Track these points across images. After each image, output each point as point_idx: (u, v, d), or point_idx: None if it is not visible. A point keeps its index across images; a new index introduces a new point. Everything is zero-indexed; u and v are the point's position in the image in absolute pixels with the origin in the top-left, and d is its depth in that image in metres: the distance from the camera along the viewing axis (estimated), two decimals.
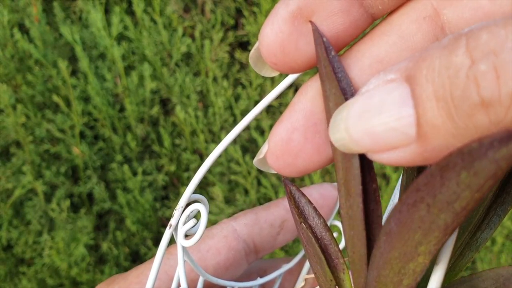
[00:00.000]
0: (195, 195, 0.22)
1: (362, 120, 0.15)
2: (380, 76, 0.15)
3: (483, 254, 0.86)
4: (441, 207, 0.13)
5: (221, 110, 0.93)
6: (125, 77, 0.93)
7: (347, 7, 0.17)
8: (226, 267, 0.29)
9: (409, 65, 0.14)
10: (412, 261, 0.15)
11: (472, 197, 0.13)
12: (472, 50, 0.12)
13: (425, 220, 0.14)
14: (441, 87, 0.13)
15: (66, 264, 0.84)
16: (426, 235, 0.14)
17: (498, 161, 0.12)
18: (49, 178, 0.89)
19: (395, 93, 0.14)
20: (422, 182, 0.13)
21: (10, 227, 0.87)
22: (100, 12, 0.92)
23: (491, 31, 0.12)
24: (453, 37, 0.13)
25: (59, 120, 0.90)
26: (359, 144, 0.15)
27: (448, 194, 0.13)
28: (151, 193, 0.91)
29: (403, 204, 0.14)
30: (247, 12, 0.98)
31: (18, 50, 0.92)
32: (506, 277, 0.18)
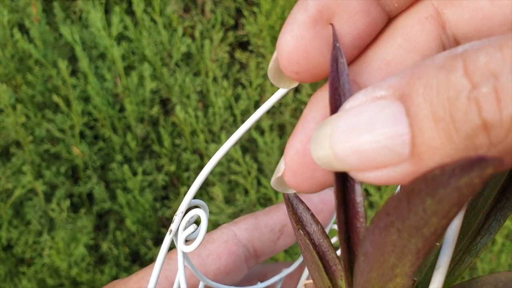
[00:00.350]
0: (195, 201, 0.22)
1: (350, 137, 0.14)
2: (367, 92, 0.14)
3: (483, 254, 0.86)
4: (411, 232, 0.13)
5: (221, 110, 0.93)
6: (125, 77, 0.93)
7: (367, 6, 0.17)
8: (227, 272, 0.29)
9: (402, 83, 0.14)
10: (391, 282, 0.15)
11: (439, 223, 0.13)
12: (472, 73, 0.12)
13: (397, 244, 0.14)
14: (441, 108, 0.13)
15: (66, 264, 0.84)
16: (400, 258, 0.14)
17: (460, 188, 0.12)
18: (49, 178, 0.89)
19: (386, 110, 0.14)
20: (391, 206, 0.13)
21: (10, 227, 0.87)
22: (100, 12, 0.92)
23: (488, 53, 0.12)
24: (448, 56, 0.13)
25: (59, 120, 0.90)
26: (344, 162, 0.15)
27: (416, 220, 0.13)
28: (151, 193, 0.92)
29: (375, 227, 0.14)
30: (247, 12, 0.98)
31: (18, 50, 0.92)
32: (504, 282, 0.18)
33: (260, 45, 0.98)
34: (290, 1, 0.93)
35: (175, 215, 0.22)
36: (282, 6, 0.92)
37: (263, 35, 0.96)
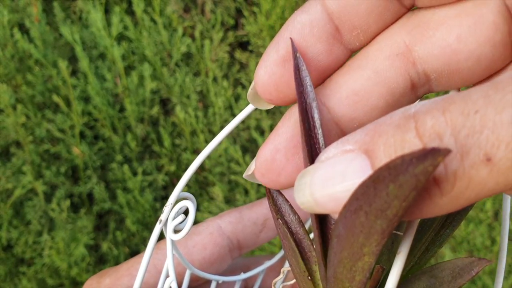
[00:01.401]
0: (184, 193, 0.24)
1: (326, 186, 0.17)
2: (338, 146, 0.17)
3: (483, 254, 0.86)
4: (377, 214, 0.15)
5: (221, 110, 0.93)
6: (125, 77, 0.93)
7: (329, 47, 0.20)
8: (211, 261, 0.32)
9: (366, 139, 0.16)
10: (360, 260, 0.17)
11: (401, 205, 0.15)
12: (422, 134, 0.15)
13: (365, 225, 0.16)
14: None
15: (66, 264, 0.84)
16: (367, 238, 0.16)
17: (417, 175, 0.14)
18: (49, 178, 0.89)
19: (355, 162, 0.16)
20: (359, 192, 0.15)
21: (10, 227, 0.87)
22: (100, 12, 0.92)
23: (434, 116, 0.15)
24: (403, 116, 0.15)
25: (59, 120, 0.90)
26: (324, 207, 0.17)
27: (380, 203, 0.15)
28: (151, 193, 0.92)
29: (347, 211, 0.16)
30: (247, 12, 0.98)
31: (18, 50, 0.92)
32: (461, 267, 0.21)
33: (260, 45, 0.98)
34: (290, 1, 0.93)
35: (164, 206, 0.24)
36: (282, 6, 0.92)
37: (263, 35, 0.96)
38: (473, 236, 0.86)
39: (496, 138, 0.14)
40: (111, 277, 0.30)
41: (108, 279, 0.30)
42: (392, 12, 0.20)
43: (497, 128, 0.14)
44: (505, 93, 0.14)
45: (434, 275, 0.21)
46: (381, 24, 0.20)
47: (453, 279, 0.21)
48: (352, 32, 0.20)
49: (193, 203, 0.24)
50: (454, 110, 0.14)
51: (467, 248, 0.85)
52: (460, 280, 0.21)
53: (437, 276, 0.21)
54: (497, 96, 0.14)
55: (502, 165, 0.14)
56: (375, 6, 0.20)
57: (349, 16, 0.20)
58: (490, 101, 0.14)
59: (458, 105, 0.14)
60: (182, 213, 0.24)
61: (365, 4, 0.20)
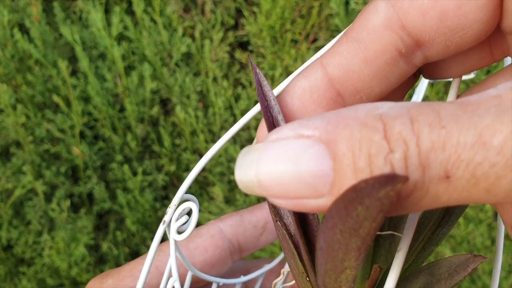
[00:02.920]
0: (187, 195, 0.24)
1: (275, 169, 0.16)
2: (294, 128, 0.16)
3: (483, 254, 0.86)
4: (350, 232, 0.15)
5: (221, 110, 0.93)
6: (125, 77, 0.93)
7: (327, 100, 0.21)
8: (212, 264, 0.32)
9: (328, 128, 0.15)
10: (343, 273, 0.17)
11: (371, 226, 0.15)
12: (389, 138, 0.15)
13: (341, 242, 0.16)
14: (362, 161, 0.15)
15: (66, 264, 0.84)
16: (346, 254, 0.16)
17: (381, 199, 0.14)
18: (49, 178, 0.89)
19: (311, 150, 0.15)
20: (334, 210, 0.15)
21: (10, 227, 0.87)
22: (100, 12, 0.92)
23: (403, 123, 0.15)
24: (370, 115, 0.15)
25: (59, 120, 0.90)
26: (266, 190, 0.16)
27: (352, 223, 0.15)
28: (151, 193, 0.92)
29: (325, 227, 0.16)
30: (247, 12, 0.98)
31: (18, 50, 0.92)
32: (457, 264, 0.21)
33: (260, 45, 0.98)
34: (290, 1, 0.93)
35: (168, 207, 0.24)
36: (282, 6, 0.92)
37: (263, 35, 0.96)
38: (473, 236, 0.86)
39: (457, 158, 0.14)
40: (113, 278, 0.31)
41: (111, 280, 0.31)
42: (398, 74, 0.20)
43: (459, 148, 0.14)
44: (472, 115, 0.14)
45: (431, 272, 0.22)
46: (384, 87, 0.21)
47: (450, 276, 0.21)
48: (355, 96, 0.21)
49: (196, 204, 0.24)
50: (422, 121, 0.15)
51: (467, 248, 0.85)
52: (456, 277, 0.21)
53: (434, 274, 0.21)
54: (465, 116, 0.14)
55: (459, 184, 0.14)
56: (379, 70, 0.20)
57: (351, 82, 0.20)
58: (457, 120, 0.14)
59: (427, 117, 0.15)
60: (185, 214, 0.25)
61: (367, 70, 0.20)
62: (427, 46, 0.20)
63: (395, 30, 0.19)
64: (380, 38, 0.20)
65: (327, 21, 0.96)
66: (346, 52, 0.20)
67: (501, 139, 0.14)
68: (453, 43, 0.19)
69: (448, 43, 0.19)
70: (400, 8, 0.19)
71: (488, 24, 0.19)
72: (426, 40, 0.19)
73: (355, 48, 0.20)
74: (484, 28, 0.19)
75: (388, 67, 0.20)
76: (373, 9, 0.20)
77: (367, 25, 0.20)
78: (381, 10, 0.19)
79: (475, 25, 0.19)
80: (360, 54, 0.20)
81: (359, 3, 0.89)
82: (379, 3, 0.20)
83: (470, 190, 0.14)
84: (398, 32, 0.19)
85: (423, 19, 0.19)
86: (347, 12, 0.91)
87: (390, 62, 0.20)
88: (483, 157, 0.14)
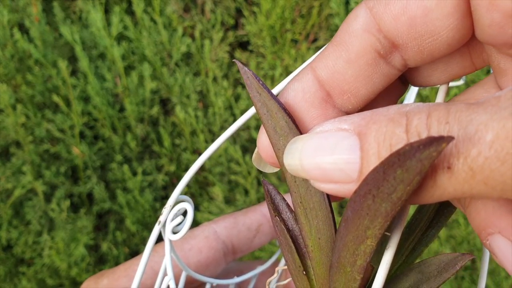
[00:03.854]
0: (182, 196, 0.25)
1: (316, 155, 0.18)
2: (335, 123, 0.19)
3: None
4: (383, 197, 0.17)
5: (221, 110, 0.93)
6: (125, 77, 0.93)
7: (323, 111, 0.22)
8: (207, 264, 0.33)
9: (361, 123, 0.18)
10: (363, 243, 0.18)
11: (405, 189, 0.16)
12: (408, 131, 0.17)
13: (371, 208, 0.17)
14: (384, 150, 0.17)
15: (66, 264, 0.84)
16: (372, 221, 0.17)
17: (422, 160, 0.15)
18: (49, 178, 0.89)
19: (346, 141, 0.18)
20: (370, 177, 0.17)
21: (10, 227, 0.87)
22: (100, 12, 0.92)
23: (420, 118, 0.17)
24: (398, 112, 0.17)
25: (59, 120, 0.90)
26: (308, 173, 0.19)
27: (387, 187, 0.16)
28: (151, 193, 0.91)
29: (357, 195, 0.17)
30: (247, 12, 0.98)
31: (18, 50, 0.92)
32: (446, 262, 0.22)
33: (260, 45, 0.98)
34: (290, 1, 0.93)
35: (163, 208, 0.25)
36: (282, 6, 0.92)
37: (263, 35, 0.96)
38: (473, 236, 0.86)
39: (457, 151, 0.16)
40: (108, 278, 0.31)
41: (106, 280, 0.31)
42: (381, 75, 0.22)
43: (459, 141, 0.16)
44: (472, 112, 0.16)
45: (421, 270, 0.22)
46: (370, 88, 0.22)
47: (439, 273, 0.22)
48: (343, 96, 0.22)
49: (191, 205, 0.25)
50: (434, 116, 0.16)
51: (467, 248, 0.85)
52: (445, 274, 0.22)
53: (423, 272, 0.22)
54: (466, 113, 0.16)
55: (459, 175, 0.16)
56: (362, 71, 0.21)
57: (337, 82, 0.22)
58: (459, 116, 0.16)
59: (438, 113, 0.16)
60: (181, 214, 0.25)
61: (351, 70, 0.21)
62: (402, 49, 0.21)
63: (373, 32, 0.21)
64: (360, 40, 0.21)
65: (327, 21, 0.96)
66: (331, 55, 0.22)
67: (493, 135, 0.15)
68: (425, 48, 0.20)
69: (421, 48, 0.21)
70: (376, 13, 0.21)
71: (459, 32, 0.20)
72: (400, 43, 0.21)
73: (338, 51, 0.21)
74: (455, 36, 0.20)
75: (370, 68, 0.21)
76: (353, 15, 0.21)
77: (348, 29, 0.21)
78: (360, 15, 0.21)
79: (444, 32, 0.20)
80: (343, 56, 0.21)
81: (359, 3, 0.89)
82: (359, 10, 0.21)
83: (469, 182, 0.16)
84: (375, 35, 0.21)
85: (395, 24, 0.20)
86: (347, 12, 0.91)
87: (371, 62, 0.21)
88: (478, 151, 0.15)
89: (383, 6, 0.20)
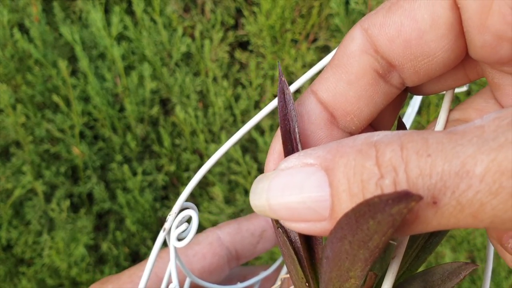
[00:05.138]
0: (187, 203, 0.25)
1: (282, 195, 0.18)
2: (300, 157, 0.18)
3: (483, 254, 0.86)
4: (359, 244, 0.16)
5: (221, 110, 0.93)
6: (125, 77, 0.93)
7: (329, 132, 0.22)
8: (210, 271, 0.33)
9: (327, 157, 0.17)
10: (347, 282, 0.18)
11: (381, 239, 0.16)
12: (381, 164, 0.16)
13: (349, 253, 0.17)
14: (355, 186, 0.16)
15: (66, 264, 0.84)
16: (352, 264, 0.17)
17: (393, 215, 0.15)
18: (49, 178, 0.89)
19: (313, 177, 0.17)
20: (344, 222, 0.16)
21: (10, 227, 0.87)
22: (100, 12, 0.92)
23: (393, 150, 0.16)
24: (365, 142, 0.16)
25: (59, 120, 0.90)
26: (276, 214, 0.18)
27: (362, 235, 0.16)
28: (151, 193, 0.91)
29: (334, 237, 0.17)
30: (247, 12, 0.98)
31: (18, 50, 0.92)
32: (450, 271, 0.22)
33: (260, 45, 0.98)
34: (290, 1, 0.93)
35: (168, 215, 0.25)
36: (282, 6, 0.92)
37: (263, 35, 0.96)
38: (473, 236, 0.86)
39: (443, 185, 0.15)
40: (113, 284, 0.31)
41: (111, 286, 0.31)
42: (382, 95, 0.22)
43: (445, 176, 0.15)
44: (456, 145, 0.15)
45: (425, 279, 0.22)
46: (372, 107, 0.22)
47: (443, 282, 0.22)
48: (346, 118, 0.22)
49: (196, 212, 0.25)
50: (411, 148, 0.16)
51: (467, 248, 0.85)
52: (449, 284, 0.22)
53: (427, 281, 0.22)
54: (449, 146, 0.15)
55: (445, 210, 0.15)
56: (363, 91, 0.21)
57: (340, 104, 0.22)
58: (442, 149, 0.15)
59: (415, 145, 0.16)
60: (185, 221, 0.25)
61: (353, 91, 0.21)
62: (398, 70, 0.21)
63: (371, 53, 0.21)
64: (359, 61, 0.21)
65: (327, 21, 0.96)
66: (332, 78, 0.22)
67: (483, 168, 0.14)
68: (421, 69, 0.21)
69: (417, 69, 0.21)
70: (371, 35, 0.21)
71: (454, 52, 0.20)
72: (397, 64, 0.21)
73: (338, 73, 0.21)
74: (450, 56, 0.20)
75: (371, 88, 0.21)
76: (349, 37, 0.21)
77: (346, 52, 0.21)
78: (357, 37, 0.21)
79: (439, 53, 0.20)
80: (343, 78, 0.21)
81: (359, 3, 0.89)
82: (354, 32, 0.21)
83: (457, 216, 0.15)
84: (373, 55, 0.21)
85: (390, 46, 0.20)
86: (347, 12, 0.91)
87: (371, 82, 0.21)
88: (467, 185, 0.15)
89: (377, 28, 0.20)
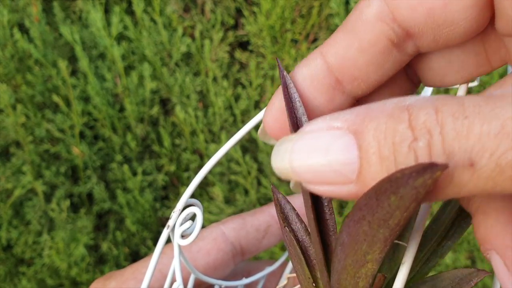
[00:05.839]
0: (191, 200, 0.25)
1: (308, 157, 0.17)
2: (325, 120, 0.17)
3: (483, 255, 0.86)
4: (379, 223, 0.16)
5: (221, 110, 0.93)
6: (125, 77, 0.93)
7: (331, 97, 0.22)
8: (215, 267, 0.32)
9: (356, 120, 0.17)
10: (363, 267, 0.18)
11: (402, 216, 0.15)
12: (414, 127, 0.15)
13: (368, 234, 0.16)
14: (386, 149, 0.16)
15: (66, 264, 0.84)
16: (371, 246, 0.17)
17: (417, 187, 0.14)
18: (49, 178, 0.89)
19: (341, 140, 0.16)
20: (362, 202, 0.16)
21: (10, 227, 0.87)
22: (100, 12, 0.92)
23: (428, 113, 0.15)
24: (396, 107, 0.16)
25: (59, 120, 0.90)
26: (300, 176, 0.17)
27: (383, 213, 0.16)
28: (151, 193, 0.91)
29: (351, 220, 0.17)
30: (247, 12, 0.98)
31: (18, 50, 0.92)
32: (460, 277, 0.21)
33: (260, 45, 0.98)
34: (290, 1, 0.93)
35: (172, 212, 0.25)
36: (282, 6, 0.92)
37: (263, 35, 0.96)
38: (473, 236, 0.86)
39: (481, 147, 0.15)
40: (116, 280, 0.31)
41: (114, 282, 0.31)
42: (393, 62, 0.21)
43: (483, 137, 0.15)
44: (495, 107, 0.15)
45: (434, 285, 0.22)
46: (381, 73, 0.22)
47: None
48: (353, 83, 0.22)
49: (200, 209, 0.24)
50: (446, 111, 0.15)
51: (467, 248, 0.85)
52: None
53: (437, 286, 0.22)
54: (487, 108, 0.15)
55: (483, 172, 0.15)
56: (374, 58, 0.21)
57: (348, 69, 0.21)
58: (480, 111, 0.15)
59: (450, 107, 0.15)
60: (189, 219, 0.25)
61: (363, 58, 0.21)
62: (417, 37, 0.21)
63: (387, 21, 0.20)
64: (373, 29, 0.21)
65: (327, 21, 0.96)
66: (343, 42, 0.21)
67: None
68: (441, 37, 0.20)
69: (437, 37, 0.20)
70: (391, 3, 0.20)
71: (477, 22, 0.20)
72: (416, 32, 0.20)
73: (351, 39, 0.21)
74: (472, 26, 0.20)
75: (382, 56, 0.21)
76: (366, 3, 0.21)
77: (361, 17, 0.21)
78: (374, 4, 0.21)
79: (462, 22, 0.20)
80: (355, 44, 0.21)
81: None
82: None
83: (495, 179, 0.15)
84: (389, 24, 0.20)
85: (412, 14, 0.20)
86: (347, 11, 0.91)
87: (383, 51, 0.21)
88: (507, 147, 0.14)
89: None
